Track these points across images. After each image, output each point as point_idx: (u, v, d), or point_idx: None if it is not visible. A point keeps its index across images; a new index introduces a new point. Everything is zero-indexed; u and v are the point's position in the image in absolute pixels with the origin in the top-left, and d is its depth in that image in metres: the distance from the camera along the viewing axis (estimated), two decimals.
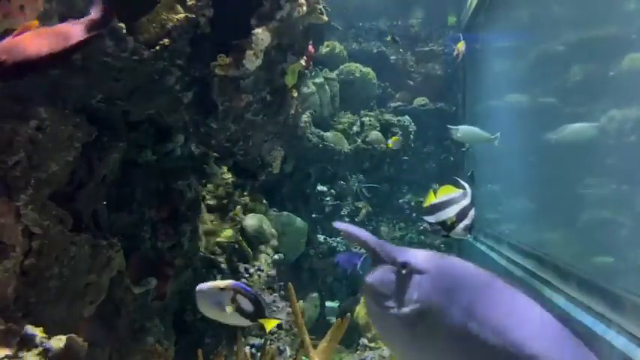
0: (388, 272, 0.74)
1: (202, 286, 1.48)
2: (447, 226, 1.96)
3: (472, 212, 1.95)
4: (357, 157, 5.58)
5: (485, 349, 0.68)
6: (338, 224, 0.81)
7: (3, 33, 1.38)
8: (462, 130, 4.96)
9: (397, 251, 0.76)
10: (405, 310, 0.71)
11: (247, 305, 1.53)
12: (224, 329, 2.66)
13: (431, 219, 1.97)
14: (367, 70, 6.15)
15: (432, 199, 1.99)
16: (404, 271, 0.73)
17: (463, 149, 6.09)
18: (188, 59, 1.80)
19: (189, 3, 1.72)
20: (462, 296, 0.71)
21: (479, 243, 4.60)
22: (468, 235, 1.99)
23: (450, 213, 1.94)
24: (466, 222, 1.94)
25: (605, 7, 2.65)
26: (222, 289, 1.48)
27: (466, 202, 1.98)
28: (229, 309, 1.48)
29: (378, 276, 0.74)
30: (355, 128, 5.79)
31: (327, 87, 5.47)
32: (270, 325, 1.62)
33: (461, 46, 4.75)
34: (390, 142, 5.50)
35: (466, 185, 2.04)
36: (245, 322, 1.56)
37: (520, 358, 0.67)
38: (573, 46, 3.10)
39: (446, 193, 2.01)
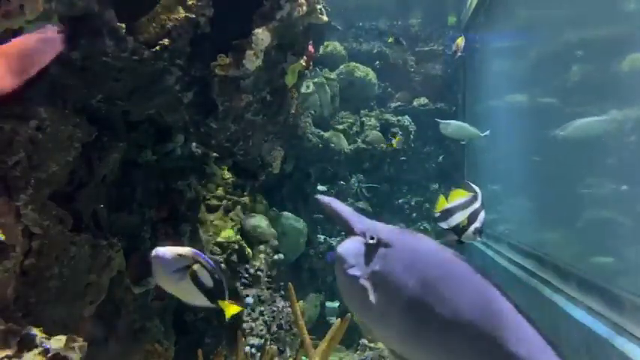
0: (357, 243, 0.79)
1: (159, 249, 1.31)
2: (458, 231, 1.93)
3: (482, 215, 1.93)
4: (357, 157, 5.58)
5: (437, 322, 0.73)
6: (320, 197, 0.86)
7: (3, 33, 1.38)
8: (451, 126, 5.02)
9: (368, 224, 0.81)
10: (370, 280, 0.76)
11: (207, 279, 1.35)
12: (224, 329, 2.66)
13: (444, 225, 1.94)
14: (367, 70, 6.15)
15: (443, 205, 1.97)
16: (371, 243, 0.78)
17: (463, 142, 6.07)
18: (188, 59, 1.80)
19: (189, 3, 1.72)
20: (421, 271, 0.76)
21: (479, 243, 4.60)
22: (478, 239, 1.95)
23: (461, 217, 1.92)
24: (476, 225, 1.91)
25: (605, 7, 2.64)
26: (180, 255, 1.31)
27: (477, 205, 1.95)
28: (185, 282, 1.30)
29: (348, 246, 0.79)
30: (355, 128, 5.79)
31: (327, 87, 5.47)
32: (231, 310, 1.42)
33: (460, 41, 4.75)
34: (394, 141, 5.51)
35: (476, 188, 2.02)
36: (202, 301, 1.36)
37: (468, 333, 0.72)
38: (573, 46, 3.10)
39: (457, 197, 1.98)
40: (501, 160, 4.92)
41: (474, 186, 2.05)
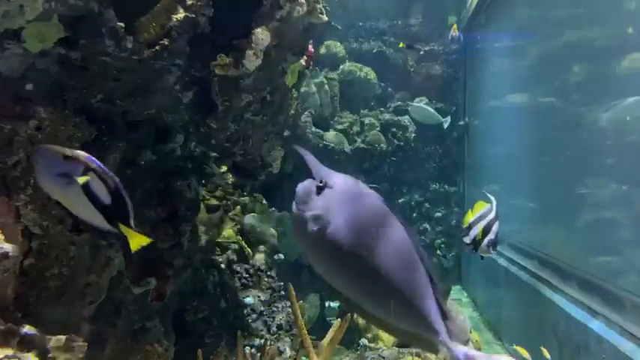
0: (311, 185, 0.94)
1: (44, 145, 1.12)
2: (475, 245, 1.89)
3: (495, 226, 1.88)
4: (357, 157, 5.58)
5: (353, 259, 0.84)
6: (298, 147, 1.02)
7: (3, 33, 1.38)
8: (415, 108, 5.10)
9: (323, 172, 0.95)
10: (309, 213, 0.90)
11: (102, 193, 1.13)
12: (224, 329, 2.66)
13: (466, 239, 1.92)
14: (367, 70, 6.16)
15: (469, 219, 1.93)
16: (320, 185, 0.92)
17: (462, 123, 6.11)
18: (188, 59, 1.80)
19: (189, 3, 1.72)
20: (353, 213, 0.88)
21: None
22: (492, 251, 1.89)
23: (477, 230, 1.90)
24: (490, 237, 1.87)
25: (605, 7, 2.64)
26: (67, 156, 1.08)
27: (491, 216, 1.92)
28: (74, 191, 1.07)
29: (303, 186, 0.96)
30: (355, 128, 5.79)
31: (327, 87, 5.47)
32: (137, 241, 1.21)
33: (455, 27, 4.77)
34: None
35: (492, 198, 1.99)
36: (97, 219, 1.14)
37: (376, 274, 0.82)
38: (574, 46, 3.10)
39: (478, 210, 1.96)
40: (501, 160, 4.92)
41: (489, 195, 2.02)
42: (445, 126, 4.92)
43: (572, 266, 2.91)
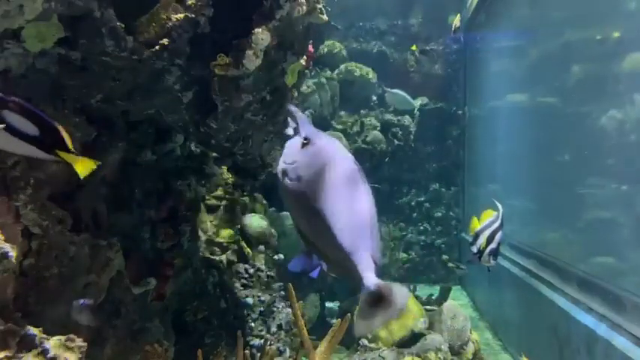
0: (297, 141, 1.05)
1: None
2: (479, 253, 1.88)
3: (498, 236, 1.87)
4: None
5: (314, 213, 0.94)
6: (290, 106, 1.13)
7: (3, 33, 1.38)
8: (391, 94, 5.20)
9: (309, 130, 1.06)
10: (289, 165, 1.01)
11: (26, 126, 1.07)
12: (224, 329, 2.66)
13: (473, 249, 1.90)
14: (367, 70, 6.15)
15: (475, 227, 1.91)
16: (304, 142, 1.03)
17: (463, 112, 6.19)
18: (188, 59, 1.80)
19: (189, 2, 1.72)
20: (326, 169, 0.98)
21: None
22: (492, 261, 1.88)
23: (482, 240, 1.88)
24: (492, 246, 1.86)
25: (605, 7, 2.64)
26: None
27: (496, 224, 1.91)
28: None
29: (291, 142, 1.06)
30: (355, 128, 5.79)
31: (327, 87, 5.47)
32: (83, 165, 1.15)
33: (457, 19, 4.79)
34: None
35: (499, 206, 1.97)
36: (30, 150, 1.09)
37: (328, 227, 0.93)
38: (574, 46, 3.10)
39: (485, 219, 1.94)
40: (501, 160, 4.92)
41: (497, 203, 2.00)
42: (415, 110, 5.19)
43: (572, 266, 2.91)
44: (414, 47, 6.05)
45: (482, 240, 1.87)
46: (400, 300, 0.82)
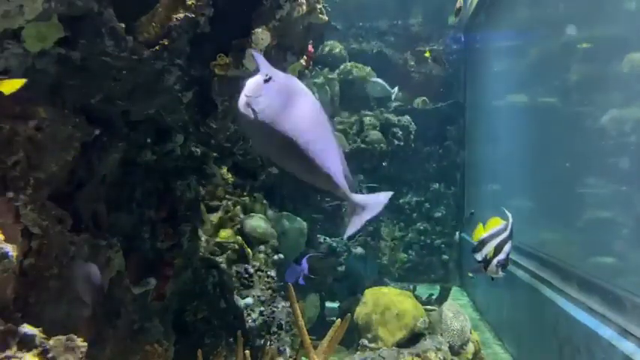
0: (258, 78, 1.11)
1: None
2: (485, 262, 1.84)
3: (507, 247, 1.82)
4: (357, 157, 5.58)
5: (285, 143, 1.03)
6: (251, 51, 1.24)
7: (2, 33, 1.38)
8: (372, 84, 5.31)
9: (270, 69, 1.13)
10: (251, 98, 1.07)
11: None
12: (224, 329, 2.66)
13: (477, 257, 1.86)
14: (367, 69, 6.15)
15: (480, 234, 1.88)
16: (265, 79, 1.09)
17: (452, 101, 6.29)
18: (188, 59, 1.79)
19: (189, 2, 1.72)
20: (286, 100, 1.07)
21: None
22: (501, 273, 1.84)
23: (489, 249, 1.83)
24: (500, 257, 1.80)
25: (605, 7, 2.64)
26: None
27: (505, 234, 1.86)
28: None
29: (252, 79, 1.12)
30: (355, 128, 5.79)
31: (327, 87, 5.47)
32: (9, 85, 1.12)
33: (461, 1, 4.80)
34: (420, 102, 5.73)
35: (509, 215, 1.93)
36: None
37: (296, 146, 1.04)
38: (574, 46, 3.09)
39: (492, 226, 1.89)
40: (501, 160, 4.92)
41: (507, 212, 1.96)
42: (393, 97, 5.33)
43: (572, 266, 2.91)
44: (427, 53, 6.07)
45: (489, 249, 1.84)
46: (378, 206, 1.06)
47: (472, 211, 4.37)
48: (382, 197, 1.12)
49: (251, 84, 1.13)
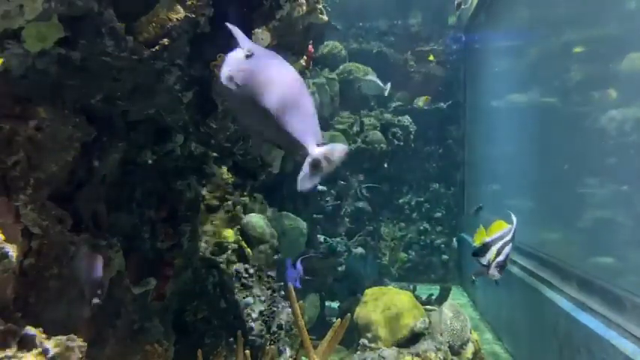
0: (239, 53, 1.19)
1: None
2: (490, 267, 1.83)
3: (507, 249, 1.81)
4: (357, 157, 5.58)
5: (266, 114, 1.09)
6: (228, 25, 1.25)
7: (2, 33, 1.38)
8: (365, 83, 5.33)
9: (249, 44, 1.20)
10: (235, 72, 1.14)
11: None
12: (224, 329, 2.66)
13: (483, 261, 1.84)
14: (367, 69, 6.15)
15: (482, 237, 1.86)
16: (247, 54, 1.17)
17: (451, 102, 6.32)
18: (188, 59, 1.80)
19: (189, 2, 1.72)
20: (262, 69, 1.14)
21: None
22: (497, 275, 1.82)
23: (494, 251, 1.83)
24: (499, 259, 1.80)
25: (605, 7, 2.64)
26: None
27: (508, 237, 1.85)
28: None
29: (232, 53, 1.19)
30: (355, 128, 5.79)
31: (327, 87, 5.47)
32: None
33: None
34: (421, 101, 5.76)
35: (514, 218, 1.92)
36: None
37: (277, 119, 1.09)
38: (574, 46, 3.09)
39: (496, 230, 1.88)
40: (501, 160, 4.92)
41: (513, 216, 1.94)
42: (385, 93, 5.36)
43: (572, 266, 2.91)
44: (431, 57, 6.09)
45: (493, 252, 1.83)
46: (338, 156, 1.13)
47: (481, 205, 4.35)
48: (339, 148, 1.18)
49: (232, 58, 1.20)
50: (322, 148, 1.11)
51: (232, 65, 1.17)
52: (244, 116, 1.24)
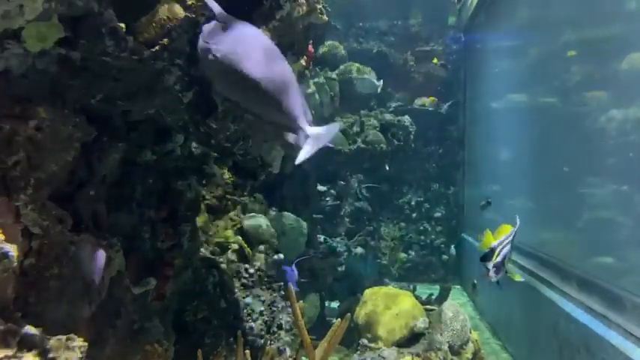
0: (216, 25, 1.22)
1: None
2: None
3: (505, 250, 1.83)
4: (357, 157, 5.58)
5: (248, 85, 1.14)
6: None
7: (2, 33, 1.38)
8: (360, 81, 5.38)
9: (224, 16, 1.23)
10: (213, 45, 1.18)
11: None
12: (224, 329, 2.66)
13: (489, 265, 1.84)
14: (367, 69, 6.16)
15: (489, 241, 1.87)
16: (222, 25, 1.20)
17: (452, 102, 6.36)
18: (188, 59, 1.79)
19: (189, 3, 1.72)
20: (241, 42, 1.18)
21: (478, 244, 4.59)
22: (494, 277, 1.84)
23: (499, 255, 1.84)
24: (497, 260, 1.81)
25: (605, 7, 2.64)
26: None
27: (509, 239, 1.87)
28: None
29: (209, 25, 1.25)
30: (355, 128, 5.79)
31: (327, 87, 5.47)
32: None
33: None
34: (427, 102, 5.79)
35: (518, 222, 1.93)
36: None
37: (255, 85, 1.14)
38: (574, 46, 3.09)
39: (502, 234, 1.89)
40: (501, 160, 4.92)
41: (518, 220, 1.96)
42: (379, 90, 5.44)
43: (572, 266, 2.91)
44: (434, 60, 6.10)
45: (498, 256, 1.84)
46: (330, 135, 1.18)
47: (489, 200, 4.32)
48: (332, 127, 1.25)
49: (208, 29, 1.21)
50: (317, 128, 1.17)
51: (207, 36, 1.19)
52: (226, 88, 1.26)
